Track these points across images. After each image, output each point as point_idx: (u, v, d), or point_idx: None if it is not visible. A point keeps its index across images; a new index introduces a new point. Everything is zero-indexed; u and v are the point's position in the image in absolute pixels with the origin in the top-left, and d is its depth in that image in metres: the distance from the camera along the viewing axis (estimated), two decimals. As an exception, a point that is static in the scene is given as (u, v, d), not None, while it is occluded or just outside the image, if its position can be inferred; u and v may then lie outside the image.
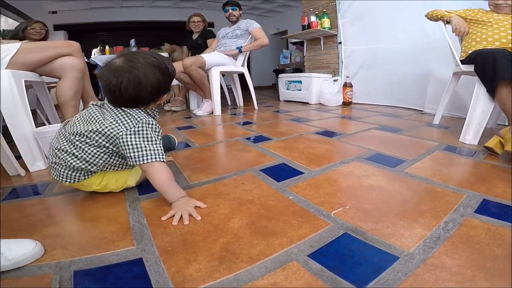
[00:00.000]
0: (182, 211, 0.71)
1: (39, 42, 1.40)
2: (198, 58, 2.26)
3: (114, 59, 0.71)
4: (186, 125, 1.96)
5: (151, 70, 0.71)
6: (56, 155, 0.76)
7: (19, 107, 1.14)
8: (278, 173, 0.98)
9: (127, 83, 0.69)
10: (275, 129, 1.71)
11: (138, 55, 0.72)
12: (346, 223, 0.67)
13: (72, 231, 0.66)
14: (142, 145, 0.71)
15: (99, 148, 0.74)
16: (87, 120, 0.75)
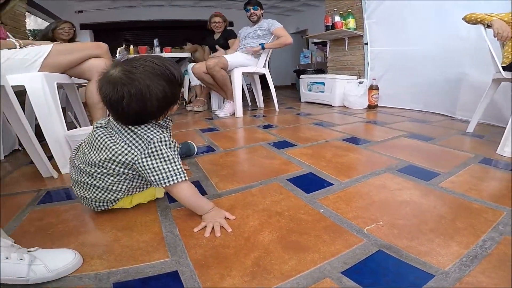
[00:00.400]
0: (213, 223, 0.71)
1: (69, 44, 1.43)
2: (221, 59, 2.28)
3: (111, 69, 0.64)
4: (209, 127, 1.98)
5: (154, 79, 0.63)
6: (81, 188, 0.74)
7: (52, 110, 1.17)
8: (306, 184, 0.96)
9: (129, 99, 0.61)
10: (299, 134, 1.69)
11: (137, 62, 0.63)
12: (380, 240, 0.66)
13: (107, 240, 0.68)
14: (160, 167, 0.66)
15: (119, 176, 0.70)
16: (97, 147, 0.70)
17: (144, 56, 0.67)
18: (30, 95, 1.13)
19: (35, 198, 0.94)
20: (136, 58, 0.65)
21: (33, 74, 1.17)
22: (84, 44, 1.43)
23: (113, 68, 0.64)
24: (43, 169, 1.13)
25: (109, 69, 0.65)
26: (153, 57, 0.66)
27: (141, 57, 0.66)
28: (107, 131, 0.70)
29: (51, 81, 1.22)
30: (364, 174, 1.04)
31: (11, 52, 1.19)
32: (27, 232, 0.72)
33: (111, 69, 0.64)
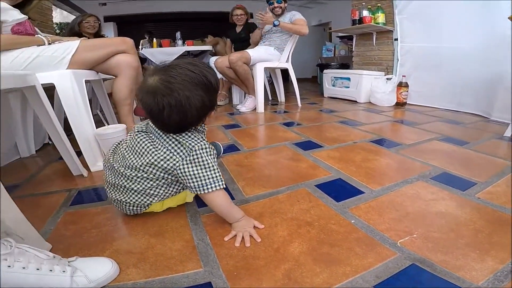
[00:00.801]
0: (243, 232, 0.71)
1: (95, 39, 1.42)
2: (243, 53, 2.26)
3: (149, 78, 0.64)
4: (232, 123, 1.98)
5: (193, 89, 0.62)
6: (116, 191, 0.76)
7: (81, 108, 1.19)
8: (335, 191, 0.94)
9: (169, 111, 0.62)
10: (324, 133, 1.65)
11: (174, 71, 0.62)
12: (414, 253, 0.64)
13: (141, 247, 0.69)
14: (200, 174, 0.68)
15: (158, 180, 0.72)
16: (138, 151, 0.71)
17: (181, 62, 0.65)
18: (60, 93, 1.15)
19: (67, 199, 0.96)
20: (172, 65, 0.64)
21: (62, 72, 1.18)
22: (110, 40, 1.42)
23: (150, 76, 0.64)
24: (73, 167, 1.16)
25: (147, 77, 0.65)
26: (189, 63, 0.65)
27: (178, 64, 0.65)
28: (149, 136, 0.71)
29: (79, 78, 1.24)
30: (396, 182, 1.00)
31: (41, 49, 1.21)
32: (63, 237, 0.74)
33: (148, 77, 0.64)
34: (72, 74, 1.19)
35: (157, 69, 0.65)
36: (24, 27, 1.28)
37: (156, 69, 0.65)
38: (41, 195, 1.00)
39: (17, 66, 1.17)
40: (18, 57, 1.17)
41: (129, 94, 1.49)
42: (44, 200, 0.96)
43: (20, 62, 1.18)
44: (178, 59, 0.69)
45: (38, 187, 1.08)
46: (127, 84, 1.46)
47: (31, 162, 1.42)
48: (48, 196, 0.99)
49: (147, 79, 0.64)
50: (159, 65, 0.66)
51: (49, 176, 1.19)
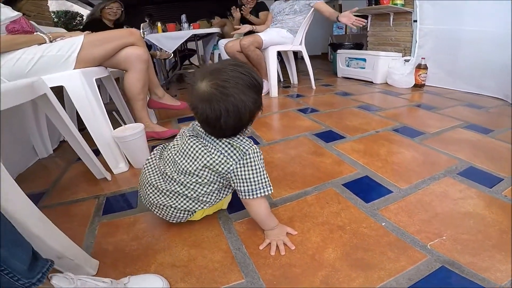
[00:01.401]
0: (277, 240, 0.73)
1: (100, 33, 1.32)
2: (255, 37, 2.18)
3: (199, 83, 0.62)
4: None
5: (247, 93, 0.62)
6: (164, 196, 0.75)
7: (96, 110, 1.15)
8: (363, 190, 0.94)
9: (226, 117, 0.61)
10: (345, 121, 1.62)
11: (224, 74, 0.61)
12: (443, 255, 0.66)
13: (184, 260, 0.71)
14: (252, 178, 0.68)
15: (211, 185, 0.72)
16: (191, 156, 0.71)
17: (226, 64, 0.64)
18: (71, 96, 1.12)
19: (98, 207, 0.97)
20: (220, 67, 0.63)
21: (71, 73, 1.13)
22: (116, 32, 1.35)
23: (200, 81, 0.62)
24: (95, 170, 1.15)
25: (195, 81, 0.63)
26: (235, 65, 0.63)
27: (225, 66, 0.63)
28: (200, 141, 0.71)
29: (89, 78, 1.18)
30: (423, 179, 0.99)
31: (43, 48, 1.14)
32: (106, 251, 0.76)
33: (198, 82, 0.62)
34: (81, 74, 1.13)
35: (205, 72, 0.63)
36: (20, 24, 1.20)
37: (204, 73, 0.63)
38: (70, 204, 1.01)
39: (20, 69, 1.12)
40: (20, 59, 1.12)
41: (142, 88, 1.47)
42: (75, 209, 0.97)
43: (24, 64, 1.12)
44: (220, 62, 0.67)
45: (64, 194, 1.08)
46: (139, 78, 1.43)
47: (50, 163, 1.43)
48: (78, 205, 1.00)
49: (197, 84, 0.62)
50: (204, 68, 0.65)
51: (72, 180, 1.20)
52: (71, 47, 1.17)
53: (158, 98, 1.72)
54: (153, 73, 1.66)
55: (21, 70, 1.12)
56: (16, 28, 1.19)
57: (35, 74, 1.10)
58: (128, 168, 1.24)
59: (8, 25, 1.16)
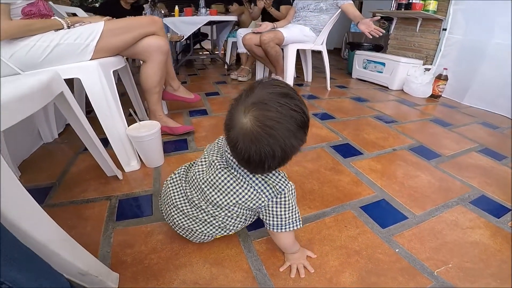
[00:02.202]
0: (297, 264, 0.76)
1: (121, 20, 1.25)
2: (276, 34, 2.14)
3: (241, 115, 0.55)
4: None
5: (297, 135, 0.55)
6: (190, 220, 0.75)
7: (112, 105, 1.11)
8: (381, 215, 0.98)
9: (271, 161, 0.56)
10: (362, 134, 1.64)
11: (274, 110, 0.53)
12: (447, 282, 0.74)
13: (206, 278, 0.74)
14: (283, 214, 0.68)
15: (239, 217, 0.73)
16: (222, 190, 0.68)
17: (272, 93, 0.55)
18: (87, 89, 1.07)
19: (110, 210, 0.98)
20: (266, 99, 0.54)
21: (88, 65, 1.08)
22: (137, 20, 1.29)
23: (242, 112, 0.55)
24: (106, 168, 1.14)
25: (238, 112, 0.55)
26: (285, 95, 0.55)
27: (270, 96, 0.55)
28: (232, 175, 0.67)
29: (107, 70, 1.13)
30: (437, 206, 1.04)
31: (60, 35, 1.08)
32: (124, 264, 0.77)
33: (241, 114, 0.55)
34: (99, 66, 1.08)
35: (249, 104, 0.54)
36: (37, 7, 1.12)
37: (247, 105, 0.55)
38: (80, 204, 1.01)
39: (34, 58, 1.05)
40: (35, 47, 1.05)
41: (160, 81, 1.44)
42: (86, 211, 0.97)
43: (38, 52, 1.05)
44: (263, 84, 0.57)
45: (73, 191, 1.07)
46: (157, 71, 1.39)
47: (56, 149, 1.41)
48: (89, 206, 1.00)
49: (239, 116, 0.55)
50: (246, 96, 0.57)
51: (81, 175, 1.19)
52: (90, 35, 1.11)
53: (173, 90, 1.71)
54: (171, 64, 1.64)
55: (34, 59, 1.05)
56: (33, 11, 1.11)
57: (49, 63, 1.06)
58: (140, 166, 1.23)
59: (25, 8, 1.08)
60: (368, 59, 2.87)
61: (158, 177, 1.17)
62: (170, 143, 1.45)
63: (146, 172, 1.21)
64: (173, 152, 1.37)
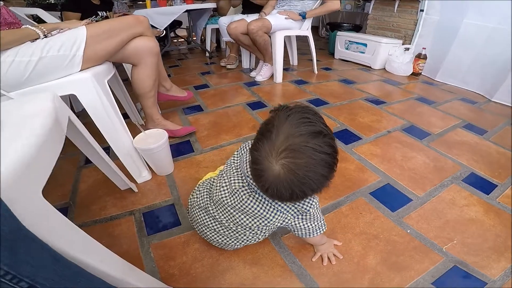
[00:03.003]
0: (327, 253, 0.87)
1: (104, 23, 1.14)
2: (264, 22, 2.15)
3: (271, 159, 0.52)
4: (255, 101, 2.01)
5: (329, 176, 0.55)
6: (218, 235, 0.81)
7: (113, 118, 1.08)
8: (389, 200, 1.10)
9: (302, 198, 0.57)
10: (357, 118, 1.75)
11: (305, 156, 0.51)
12: (455, 257, 0.89)
13: (250, 279, 0.81)
14: (309, 225, 0.75)
15: (268, 231, 0.79)
16: (249, 213, 0.70)
17: (303, 135, 0.52)
18: (86, 106, 1.02)
19: (138, 225, 1.01)
20: (297, 144, 0.52)
21: (81, 78, 1.00)
22: (122, 21, 1.20)
23: (271, 157, 0.52)
24: (119, 182, 1.14)
25: (264, 152, 0.53)
26: (313, 135, 0.52)
27: (301, 140, 0.52)
28: (257, 200, 0.68)
29: (102, 82, 1.07)
30: (435, 186, 1.18)
31: (40, 48, 0.96)
32: (174, 276, 0.83)
33: (268, 156, 0.53)
34: (93, 78, 1.01)
35: (279, 147, 0.52)
36: (1, 16, 1.03)
37: (277, 150, 0.52)
38: (105, 222, 1.02)
39: (16, 76, 0.94)
40: (14, 63, 0.93)
41: (153, 84, 1.39)
42: (115, 229, 0.99)
43: (20, 70, 0.94)
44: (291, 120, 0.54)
45: (92, 210, 1.08)
46: (150, 73, 1.34)
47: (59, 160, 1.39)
48: (115, 223, 1.02)
49: (269, 162, 0.52)
50: (275, 138, 0.53)
51: (93, 191, 1.18)
52: (74, 43, 1.01)
53: (166, 90, 1.70)
54: (162, 65, 1.61)
55: (17, 78, 0.95)
56: None
57: (35, 80, 0.97)
58: (151, 176, 1.23)
59: None
60: (350, 40, 2.95)
61: (173, 185, 1.20)
62: (174, 146, 1.46)
63: (159, 181, 1.22)
64: (180, 156, 1.39)
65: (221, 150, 1.44)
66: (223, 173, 0.77)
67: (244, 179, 0.69)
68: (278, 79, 2.38)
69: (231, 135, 1.57)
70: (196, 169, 1.29)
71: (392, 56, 2.63)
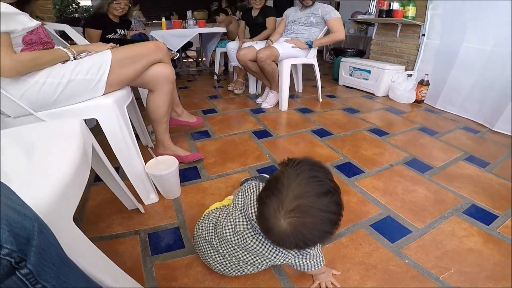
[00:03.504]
0: (326, 281, 0.92)
1: (127, 48, 1.24)
2: (272, 50, 2.28)
3: (278, 216, 0.57)
4: (260, 129, 2.09)
5: (331, 230, 0.59)
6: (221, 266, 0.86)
7: (129, 143, 1.15)
8: (388, 231, 1.15)
9: (303, 247, 0.61)
10: (360, 150, 1.80)
11: (312, 215, 0.56)
12: (451, 285, 0.93)
13: None
14: (309, 262, 0.81)
15: (264, 267, 0.86)
16: (253, 252, 0.76)
17: (310, 193, 0.57)
18: (105, 130, 1.10)
19: (143, 244, 1.06)
20: (306, 204, 0.57)
21: (104, 104, 1.09)
22: (143, 47, 1.29)
23: (278, 213, 0.57)
24: (127, 202, 1.20)
25: (272, 208, 0.58)
26: (322, 195, 0.58)
27: (309, 200, 0.57)
28: (260, 241, 0.74)
29: (122, 107, 1.15)
30: (435, 218, 1.22)
31: (70, 70, 1.06)
32: None
33: (275, 210, 0.58)
34: (115, 104, 1.09)
35: (288, 206, 0.57)
36: (37, 35, 1.10)
37: (285, 204, 0.57)
38: (111, 239, 1.09)
39: (46, 96, 1.03)
40: (46, 84, 1.02)
41: (167, 110, 1.48)
42: (119, 247, 1.05)
43: (51, 90, 1.03)
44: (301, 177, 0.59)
45: (99, 227, 1.14)
46: (165, 100, 1.43)
47: None
48: (120, 241, 1.07)
49: (277, 218, 0.57)
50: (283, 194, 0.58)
51: (101, 209, 1.24)
52: (99, 68, 1.11)
53: (177, 115, 1.81)
54: (176, 91, 1.71)
55: (47, 98, 1.04)
56: (34, 39, 1.08)
57: (63, 102, 1.07)
58: (158, 198, 1.29)
59: (25, 36, 1.04)
60: (354, 66, 3.08)
61: (179, 209, 1.26)
62: (181, 172, 1.50)
63: (166, 204, 1.28)
64: (187, 181, 1.46)
65: (227, 178, 1.50)
66: (229, 213, 0.82)
67: (248, 222, 0.74)
68: (283, 107, 2.48)
69: (237, 163, 1.64)
70: (202, 195, 1.36)
71: (395, 83, 2.73)
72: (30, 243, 0.36)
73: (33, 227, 0.37)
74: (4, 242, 0.33)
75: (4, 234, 0.33)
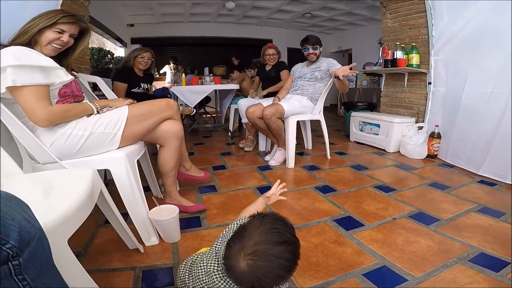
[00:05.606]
0: None
1: (142, 105, 1.42)
2: (278, 108, 2.48)
3: (239, 257, 0.72)
4: (264, 185, 2.23)
5: (284, 275, 0.73)
6: None
7: (136, 192, 1.31)
8: (381, 280, 1.16)
9: None
10: (363, 206, 1.84)
11: (269, 260, 0.71)
12: None
13: None
14: None
15: None
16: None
17: (270, 241, 0.73)
18: (116, 179, 1.27)
19: (135, 279, 1.17)
20: (265, 249, 0.72)
21: (117, 157, 1.27)
22: (155, 105, 1.48)
23: (239, 254, 0.72)
24: (129, 242, 1.33)
25: (235, 250, 0.74)
26: (281, 244, 0.73)
27: (269, 246, 0.72)
28: (225, 280, 0.82)
29: (132, 161, 1.32)
30: (436, 267, 1.22)
31: (92, 124, 1.22)
32: None
33: (238, 252, 0.73)
34: (126, 158, 1.26)
35: (248, 250, 0.72)
36: (70, 88, 1.25)
37: (246, 248, 0.72)
38: (107, 272, 1.22)
39: (70, 147, 1.18)
40: (71, 136, 1.17)
41: (175, 165, 1.68)
42: (114, 279, 1.17)
43: (74, 142, 1.17)
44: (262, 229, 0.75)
45: (99, 260, 1.28)
46: (173, 155, 1.62)
47: None
48: (116, 274, 1.21)
49: (238, 259, 0.72)
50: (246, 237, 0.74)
51: (105, 246, 1.40)
52: (116, 123, 1.27)
53: (185, 170, 2.00)
54: (184, 147, 1.93)
55: (71, 149, 1.19)
56: (68, 92, 1.23)
57: (83, 153, 1.24)
58: (158, 241, 1.43)
59: (61, 90, 1.19)
60: (364, 121, 3.21)
61: (176, 251, 1.38)
62: (185, 220, 1.67)
63: (164, 247, 1.41)
64: (189, 229, 1.59)
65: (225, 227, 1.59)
66: (205, 255, 0.92)
67: (219, 263, 0.84)
68: (290, 164, 2.61)
69: (237, 215, 1.71)
70: (199, 241, 1.47)
71: (405, 137, 2.78)
72: (29, 244, 0.52)
73: (36, 234, 0.54)
74: (12, 239, 0.48)
75: (14, 234, 0.49)
